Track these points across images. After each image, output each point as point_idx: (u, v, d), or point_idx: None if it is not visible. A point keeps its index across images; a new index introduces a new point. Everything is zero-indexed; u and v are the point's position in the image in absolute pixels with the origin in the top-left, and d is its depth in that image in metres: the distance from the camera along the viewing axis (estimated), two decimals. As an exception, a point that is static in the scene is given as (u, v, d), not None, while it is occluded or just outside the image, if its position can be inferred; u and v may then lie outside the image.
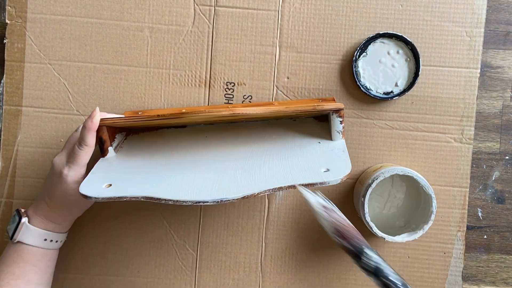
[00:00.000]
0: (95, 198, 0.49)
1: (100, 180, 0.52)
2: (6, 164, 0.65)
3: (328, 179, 0.48)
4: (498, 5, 0.67)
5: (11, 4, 0.64)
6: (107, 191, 0.49)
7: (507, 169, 0.67)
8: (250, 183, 0.49)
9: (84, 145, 0.53)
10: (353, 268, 0.66)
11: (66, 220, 0.57)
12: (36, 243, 0.55)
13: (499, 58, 0.67)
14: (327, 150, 0.55)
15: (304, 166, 0.52)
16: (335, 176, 0.49)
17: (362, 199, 0.58)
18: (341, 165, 0.51)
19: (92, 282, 0.66)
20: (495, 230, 0.67)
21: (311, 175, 0.49)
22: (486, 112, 0.67)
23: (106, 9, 0.64)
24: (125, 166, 0.56)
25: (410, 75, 0.63)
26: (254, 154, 0.56)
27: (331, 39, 0.65)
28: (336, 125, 0.57)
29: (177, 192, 0.48)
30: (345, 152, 0.54)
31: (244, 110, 0.52)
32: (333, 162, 0.52)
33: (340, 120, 0.56)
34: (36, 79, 0.64)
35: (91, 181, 0.52)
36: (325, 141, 0.58)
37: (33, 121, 0.65)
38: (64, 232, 0.58)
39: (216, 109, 0.54)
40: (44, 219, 0.56)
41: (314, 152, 0.55)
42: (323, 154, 0.54)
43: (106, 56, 0.64)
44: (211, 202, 0.47)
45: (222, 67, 0.65)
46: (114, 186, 0.50)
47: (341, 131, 0.57)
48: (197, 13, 0.64)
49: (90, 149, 0.54)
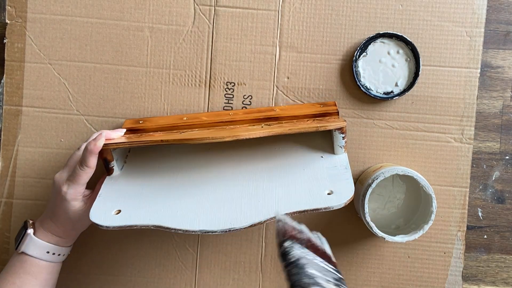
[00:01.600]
0: (106, 227, 0.50)
1: (109, 205, 0.53)
2: (6, 164, 0.65)
3: (332, 204, 0.49)
4: (498, 5, 0.67)
5: (11, 4, 0.64)
6: (118, 219, 0.51)
7: (507, 169, 0.67)
8: (257, 211, 0.50)
9: (85, 166, 0.54)
10: (353, 268, 0.66)
11: (70, 235, 0.58)
12: (39, 255, 0.55)
13: (499, 58, 0.67)
14: (330, 166, 0.56)
15: (308, 188, 0.53)
16: (338, 200, 0.50)
17: (362, 199, 0.58)
18: (345, 186, 0.52)
19: (92, 282, 0.66)
20: (495, 230, 0.67)
21: (315, 199, 0.50)
22: (486, 112, 0.67)
23: (106, 9, 0.64)
24: (131, 187, 0.57)
25: (410, 75, 0.63)
26: (258, 174, 0.56)
27: (331, 39, 0.65)
28: (338, 141, 0.57)
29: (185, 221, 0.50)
30: (347, 170, 0.55)
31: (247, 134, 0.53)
32: (337, 182, 0.53)
33: (343, 136, 0.56)
34: (36, 79, 0.64)
35: (99, 206, 0.53)
36: (327, 154, 0.59)
37: (33, 121, 0.65)
38: (67, 246, 0.58)
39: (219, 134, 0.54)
40: (48, 232, 0.56)
41: (318, 170, 0.56)
42: (327, 172, 0.55)
43: (106, 56, 0.64)
44: (219, 232, 0.49)
45: (222, 67, 0.65)
46: (123, 213, 0.52)
47: (344, 146, 0.57)
48: (197, 13, 0.64)
49: (91, 170, 0.55)
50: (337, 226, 0.66)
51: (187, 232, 0.49)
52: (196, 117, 0.62)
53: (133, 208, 0.53)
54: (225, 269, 0.66)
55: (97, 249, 0.66)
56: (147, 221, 0.50)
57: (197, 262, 0.66)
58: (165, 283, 0.66)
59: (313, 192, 0.52)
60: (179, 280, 0.66)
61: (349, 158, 0.63)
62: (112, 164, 0.58)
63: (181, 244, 0.66)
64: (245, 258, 0.66)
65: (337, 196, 0.50)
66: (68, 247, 0.58)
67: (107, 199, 0.54)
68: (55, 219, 0.56)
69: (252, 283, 0.66)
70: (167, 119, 0.63)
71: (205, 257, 0.66)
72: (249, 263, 0.66)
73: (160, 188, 0.56)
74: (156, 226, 0.50)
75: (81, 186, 0.55)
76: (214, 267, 0.66)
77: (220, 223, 0.49)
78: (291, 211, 0.49)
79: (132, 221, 0.50)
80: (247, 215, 0.50)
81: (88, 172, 0.55)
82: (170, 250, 0.66)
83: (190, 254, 0.66)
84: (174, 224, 0.49)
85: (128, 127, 0.61)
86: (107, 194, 0.55)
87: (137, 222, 0.50)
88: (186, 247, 0.66)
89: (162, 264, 0.66)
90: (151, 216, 0.51)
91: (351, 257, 0.66)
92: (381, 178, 0.57)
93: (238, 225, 0.48)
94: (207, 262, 0.66)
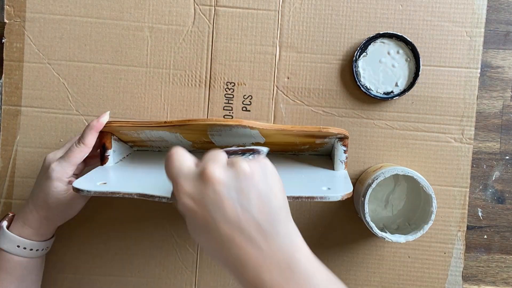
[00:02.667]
0: (87, 191, 0.48)
1: (95, 178, 0.51)
2: (5, 164, 0.65)
3: (328, 195, 0.48)
4: (498, 5, 0.67)
5: (9, 4, 0.63)
6: (101, 187, 0.49)
7: (507, 169, 0.67)
8: None
9: (82, 143, 0.53)
10: (353, 268, 0.66)
11: (42, 225, 0.54)
12: (10, 249, 0.53)
13: (499, 58, 0.67)
14: (329, 175, 0.56)
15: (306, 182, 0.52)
16: (336, 193, 0.49)
17: (362, 199, 0.58)
18: (343, 185, 0.52)
19: (92, 282, 0.66)
20: (495, 230, 0.67)
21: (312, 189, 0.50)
22: (486, 112, 0.67)
23: (105, 9, 0.64)
24: (123, 172, 0.56)
25: (410, 75, 0.63)
26: None
27: (331, 39, 0.64)
28: (339, 154, 0.57)
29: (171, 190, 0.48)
30: (347, 178, 0.54)
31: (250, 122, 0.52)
32: (335, 183, 0.53)
33: (344, 149, 0.56)
34: (35, 79, 0.64)
35: (85, 178, 0.51)
36: (327, 170, 0.58)
37: (32, 121, 0.64)
38: (40, 241, 0.55)
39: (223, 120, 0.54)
40: (22, 223, 0.54)
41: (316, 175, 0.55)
42: (325, 177, 0.55)
43: (105, 56, 0.64)
44: None
45: (222, 67, 0.65)
46: (108, 184, 0.50)
47: (345, 161, 0.57)
48: (197, 13, 0.64)
49: (87, 149, 0.53)
50: (337, 226, 0.66)
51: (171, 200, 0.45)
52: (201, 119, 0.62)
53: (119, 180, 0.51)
54: (225, 269, 0.66)
55: (98, 249, 0.66)
56: (131, 189, 0.48)
57: (197, 262, 0.66)
58: (165, 283, 0.66)
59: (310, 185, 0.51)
60: (179, 280, 0.66)
61: (349, 158, 0.63)
62: (109, 153, 0.56)
63: (181, 244, 0.66)
64: (245, 258, 0.66)
65: (334, 190, 0.50)
66: (41, 242, 0.55)
67: (93, 175, 0.53)
68: (33, 202, 0.54)
69: (252, 283, 0.66)
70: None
71: (205, 257, 0.66)
72: (249, 263, 0.66)
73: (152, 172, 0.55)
74: (139, 194, 0.47)
75: (71, 166, 0.53)
76: (214, 267, 0.66)
77: None
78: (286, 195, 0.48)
79: (116, 188, 0.48)
80: None
81: (83, 150, 0.53)
82: (170, 250, 0.66)
83: (190, 254, 0.66)
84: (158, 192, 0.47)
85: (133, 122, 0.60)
86: (95, 173, 0.54)
87: (120, 189, 0.48)
88: (186, 247, 0.66)
89: (162, 264, 0.66)
90: (136, 185, 0.49)
91: (351, 257, 0.66)
92: (381, 178, 0.57)
93: None
94: (207, 262, 0.66)
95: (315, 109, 0.65)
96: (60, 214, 0.55)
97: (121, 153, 0.61)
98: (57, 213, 0.55)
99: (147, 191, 0.48)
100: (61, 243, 0.64)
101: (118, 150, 0.59)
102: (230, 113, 0.65)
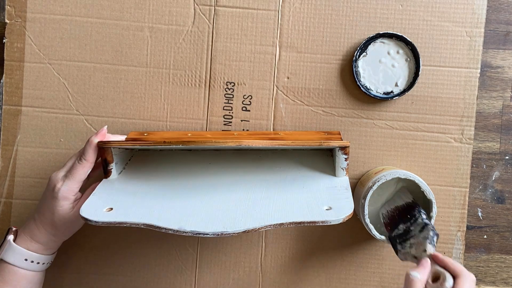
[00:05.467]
0: (95, 222, 0.48)
1: (101, 203, 0.52)
2: (5, 164, 0.65)
3: (330, 219, 0.48)
4: (498, 5, 0.67)
5: (10, 4, 0.64)
6: (108, 216, 0.49)
7: (507, 169, 0.67)
8: (252, 218, 0.49)
9: (84, 160, 0.53)
10: (353, 268, 0.66)
11: (50, 241, 0.55)
12: (17, 262, 0.53)
13: (499, 58, 0.67)
14: (330, 186, 0.56)
15: (306, 202, 0.52)
16: (337, 215, 0.48)
17: (363, 201, 0.58)
18: (344, 204, 0.51)
19: (92, 281, 0.66)
20: (495, 230, 0.67)
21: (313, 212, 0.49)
22: (486, 112, 0.67)
23: (106, 9, 0.64)
24: (127, 189, 0.56)
25: (410, 75, 0.63)
26: (257, 186, 0.56)
27: (331, 39, 0.65)
28: (340, 162, 0.57)
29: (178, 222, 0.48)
30: (348, 190, 0.54)
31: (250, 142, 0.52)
32: (336, 200, 0.52)
33: (345, 157, 0.56)
34: (35, 79, 0.64)
35: (92, 204, 0.52)
36: (328, 176, 0.58)
37: (32, 121, 0.64)
38: (47, 255, 0.56)
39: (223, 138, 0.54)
40: (28, 237, 0.54)
41: (317, 188, 0.55)
42: (326, 190, 0.55)
43: (106, 56, 0.64)
44: (211, 235, 0.47)
45: (222, 67, 0.65)
46: (115, 211, 0.50)
47: (345, 168, 0.57)
48: (197, 13, 0.64)
49: (89, 164, 0.54)
50: (337, 227, 0.65)
51: (177, 232, 0.47)
52: (200, 134, 0.62)
53: (126, 207, 0.52)
54: (225, 269, 0.66)
55: (97, 249, 0.66)
56: (138, 219, 0.49)
57: (197, 262, 0.66)
58: (165, 283, 0.66)
59: (311, 206, 0.51)
60: (179, 280, 0.66)
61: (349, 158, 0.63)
62: (111, 166, 0.57)
63: (181, 244, 0.66)
64: (245, 258, 0.66)
65: (335, 211, 0.49)
66: (48, 256, 0.56)
67: (100, 198, 0.53)
68: (39, 221, 0.54)
69: (252, 283, 0.66)
70: (171, 133, 0.63)
71: (205, 257, 0.66)
72: (249, 263, 0.66)
73: (156, 190, 0.56)
74: (146, 224, 0.48)
75: (76, 183, 0.53)
76: (214, 267, 0.66)
77: (213, 226, 0.47)
78: (288, 221, 0.48)
79: (123, 218, 0.49)
80: (242, 221, 0.48)
81: (85, 166, 0.53)
82: (170, 250, 0.66)
83: (190, 254, 0.66)
84: (165, 223, 0.48)
85: (132, 137, 0.60)
86: (100, 193, 0.54)
87: (127, 219, 0.49)
88: (186, 247, 0.66)
89: (162, 264, 0.66)
90: (143, 215, 0.50)
91: (351, 257, 0.66)
92: (382, 181, 0.57)
93: (231, 229, 0.47)
94: (207, 262, 0.66)
95: (315, 109, 0.65)
96: (67, 230, 0.56)
97: (123, 159, 0.61)
98: (63, 230, 0.55)
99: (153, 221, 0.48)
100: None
101: (120, 159, 0.60)
102: (230, 113, 0.65)
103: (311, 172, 0.59)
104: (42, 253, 0.55)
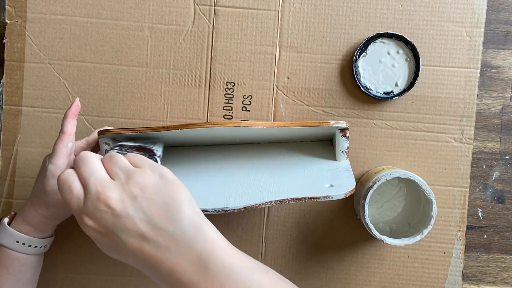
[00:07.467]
0: None
1: None
2: (5, 164, 0.65)
3: (331, 194, 0.48)
4: (498, 5, 0.67)
5: (10, 4, 0.64)
6: None
7: (507, 169, 0.67)
8: (253, 195, 0.49)
9: (61, 133, 0.53)
10: (353, 268, 0.66)
11: (41, 223, 0.55)
12: (9, 244, 0.53)
13: (499, 58, 0.67)
14: (331, 168, 0.56)
15: (308, 181, 0.52)
16: (338, 191, 0.49)
17: (363, 201, 0.58)
18: (346, 182, 0.51)
19: (92, 281, 0.66)
20: (495, 230, 0.67)
21: (314, 189, 0.50)
22: (486, 112, 0.67)
23: (106, 9, 0.64)
24: None
25: (410, 75, 0.63)
26: (258, 169, 0.56)
27: (331, 39, 0.65)
28: (341, 145, 0.57)
29: None
30: (349, 171, 0.54)
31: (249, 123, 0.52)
32: (337, 179, 0.52)
33: (346, 139, 0.56)
34: (36, 79, 0.64)
35: None
36: (329, 161, 0.58)
37: (33, 121, 0.65)
38: (39, 238, 0.55)
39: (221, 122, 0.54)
40: (21, 219, 0.54)
41: (318, 170, 0.55)
42: (327, 172, 0.55)
43: (106, 56, 0.64)
44: (211, 211, 0.47)
45: (222, 67, 0.65)
46: None
47: (346, 151, 0.57)
48: (197, 13, 0.64)
49: (66, 136, 0.53)
50: (337, 227, 0.66)
51: None
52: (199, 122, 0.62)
53: None
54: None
55: (97, 249, 0.65)
56: None
57: (197, 262, 0.66)
58: (165, 283, 0.66)
59: (312, 184, 0.51)
60: (179, 280, 0.66)
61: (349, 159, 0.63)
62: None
63: (181, 244, 0.66)
64: (245, 258, 0.66)
65: (337, 188, 0.50)
66: (40, 239, 0.55)
67: None
68: (32, 202, 0.54)
69: (252, 283, 0.66)
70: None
71: (205, 257, 0.66)
72: (249, 263, 0.66)
73: None
74: None
75: (60, 158, 0.53)
76: (214, 267, 0.66)
77: (213, 203, 0.48)
78: (289, 197, 0.48)
79: None
80: (242, 198, 0.48)
81: (64, 139, 0.53)
82: (170, 250, 0.66)
83: (190, 254, 0.66)
84: None
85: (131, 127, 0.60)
86: None
87: None
88: (186, 247, 0.66)
89: (162, 264, 0.66)
90: None
91: (351, 257, 0.66)
92: (382, 181, 0.57)
93: (231, 205, 0.47)
94: (207, 262, 0.66)
95: (315, 109, 0.65)
96: (58, 212, 0.55)
97: None
98: (54, 211, 0.55)
99: None
100: (60, 243, 0.64)
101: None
102: (230, 113, 0.65)
103: (312, 158, 0.59)
104: (33, 236, 0.55)
